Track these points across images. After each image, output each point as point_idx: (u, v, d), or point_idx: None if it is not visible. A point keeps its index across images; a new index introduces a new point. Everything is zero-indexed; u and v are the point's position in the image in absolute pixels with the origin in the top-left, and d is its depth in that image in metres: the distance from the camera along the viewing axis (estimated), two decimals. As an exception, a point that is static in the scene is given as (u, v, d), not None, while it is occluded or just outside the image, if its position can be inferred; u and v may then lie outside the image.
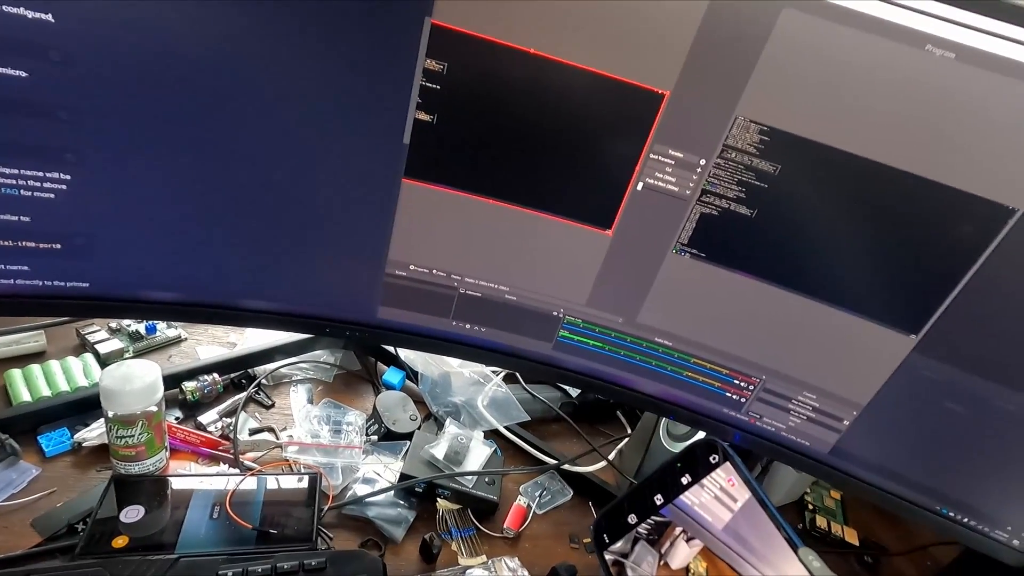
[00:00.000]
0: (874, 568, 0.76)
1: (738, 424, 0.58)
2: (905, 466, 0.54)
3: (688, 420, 0.60)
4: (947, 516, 0.55)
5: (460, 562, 0.58)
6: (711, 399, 0.57)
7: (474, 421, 0.75)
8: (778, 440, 0.57)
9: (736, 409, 0.57)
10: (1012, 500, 0.52)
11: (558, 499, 0.70)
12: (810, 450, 0.57)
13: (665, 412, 0.60)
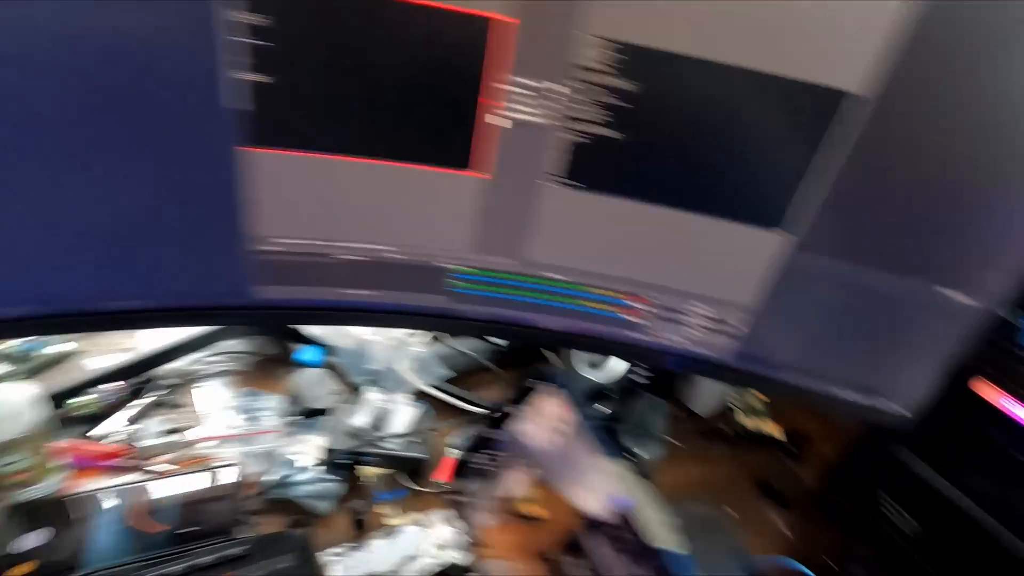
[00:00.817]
0: (798, 457, 0.81)
1: (640, 344, 0.58)
2: (804, 360, 0.57)
3: (595, 349, 0.60)
4: (843, 398, 0.58)
5: (387, 522, 0.59)
6: (611, 325, 0.58)
7: (398, 385, 0.74)
8: (685, 354, 0.58)
9: (632, 329, 0.58)
10: (895, 376, 0.55)
11: (491, 445, 0.71)
12: (717, 359, 0.58)
13: (570, 345, 0.60)
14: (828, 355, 0.56)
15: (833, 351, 0.55)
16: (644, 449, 0.73)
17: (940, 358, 0.54)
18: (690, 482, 0.73)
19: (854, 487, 0.70)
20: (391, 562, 0.54)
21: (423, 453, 0.64)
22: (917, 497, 0.63)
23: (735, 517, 0.69)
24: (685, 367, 0.59)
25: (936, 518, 0.61)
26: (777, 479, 0.74)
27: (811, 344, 0.55)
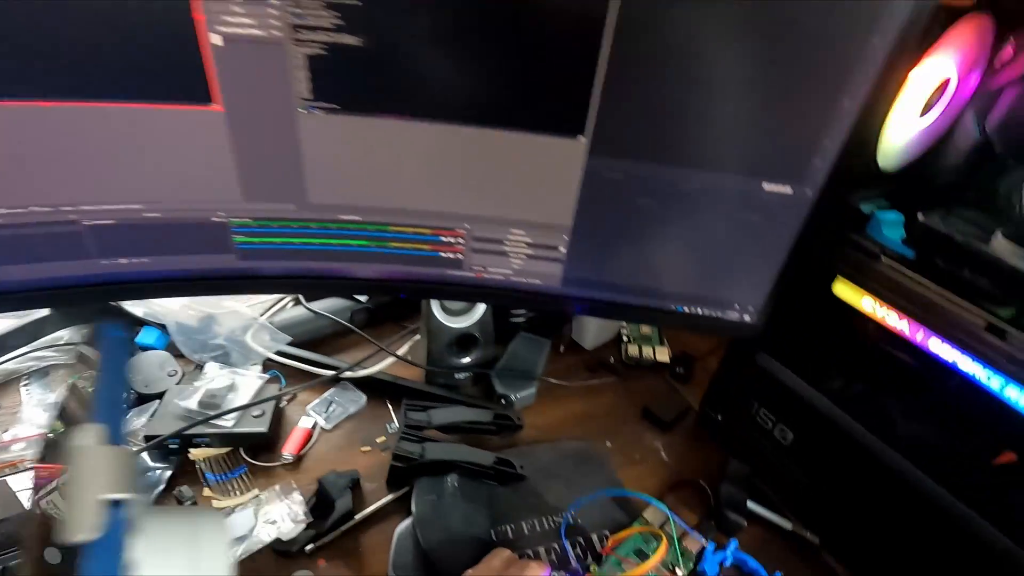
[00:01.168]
0: (686, 377, 0.78)
1: (466, 283, 0.54)
2: (631, 276, 0.52)
3: (420, 293, 0.55)
4: (684, 312, 0.54)
5: (216, 505, 0.54)
6: (429, 265, 0.52)
7: (245, 357, 0.69)
8: (511, 287, 0.54)
9: (458, 267, 0.53)
10: (727, 280, 0.51)
11: (350, 408, 0.67)
12: (544, 288, 0.54)
13: (391, 292, 0.55)
14: (656, 270, 0.51)
15: (660, 265, 0.51)
16: (518, 392, 0.69)
17: (773, 257, 0.50)
18: (570, 418, 0.70)
19: (729, 401, 0.68)
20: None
21: (262, 427, 0.60)
22: (787, 405, 0.61)
23: (608, 449, 0.67)
24: (515, 301, 0.55)
25: (807, 426, 0.59)
26: (660, 404, 0.72)
27: (636, 260, 0.51)
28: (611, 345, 0.83)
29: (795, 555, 0.58)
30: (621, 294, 0.54)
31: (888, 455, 0.52)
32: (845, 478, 0.57)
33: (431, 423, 0.61)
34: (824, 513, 0.59)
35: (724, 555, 0.56)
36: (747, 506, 0.59)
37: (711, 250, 0.49)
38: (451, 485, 0.55)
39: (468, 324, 0.69)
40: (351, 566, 0.52)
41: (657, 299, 0.53)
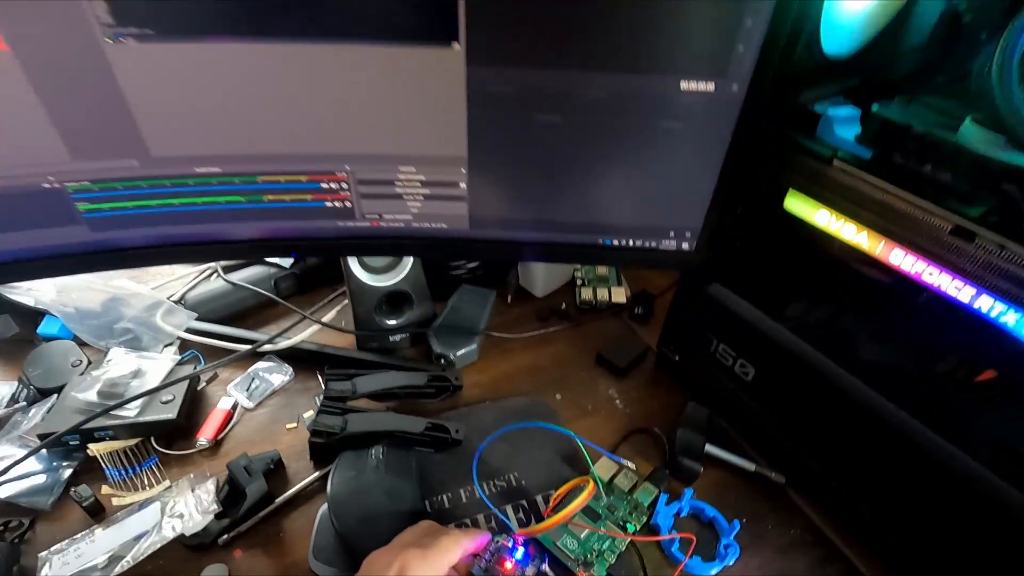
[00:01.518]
0: (645, 317, 0.73)
1: (364, 234, 0.47)
2: (545, 211, 0.45)
3: (315, 251, 0.49)
4: (613, 246, 0.47)
5: (116, 503, 0.50)
6: (316, 217, 0.46)
7: (156, 340, 0.63)
8: (415, 235, 0.47)
9: (350, 218, 0.46)
10: (655, 204, 0.45)
11: (275, 384, 0.62)
12: (453, 232, 0.47)
13: (279, 252, 0.49)
14: (572, 200, 0.45)
15: (576, 193, 0.44)
16: (457, 350, 0.63)
17: (705, 172, 0.43)
18: (518, 373, 0.65)
19: (686, 339, 0.62)
20: (110, 548, 0.46)
21: (170, 413, 0.55)
22: (746, 339, 0.55)
23: (558, 402, 0.62)
24: (422, 250, 0.48)
25: (768, 359, 0.54)
26: (615, 349, 0.66)
27: (547, 191, 0.44)
28: (565, 290, 0.77)
29: (759, 497, 0.53)
30: (538, 232, 0.47)
31: (854, 385, 0.47)
32: (811, 413, 0.52)
33: (356, 392, 0.56)
34: (790, 451, 0.54)
35: (679, 505, 0.51)
36: (705, 450, 0.55)
37: (631, 169, 0.42)
38: (375, 458, 0.50)
39: (395, 281, 0.63)
40: (271, 554, 0.48)
41: (579, 234, 0.47)
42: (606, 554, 0.47)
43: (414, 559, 0.37)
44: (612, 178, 0.43)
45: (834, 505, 0.52)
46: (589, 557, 0.47)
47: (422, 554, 0.38)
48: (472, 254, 0.49)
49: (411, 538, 0.41)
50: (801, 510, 0.53)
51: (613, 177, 0.43)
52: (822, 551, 0.50)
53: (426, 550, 0.38)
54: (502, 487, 0.53)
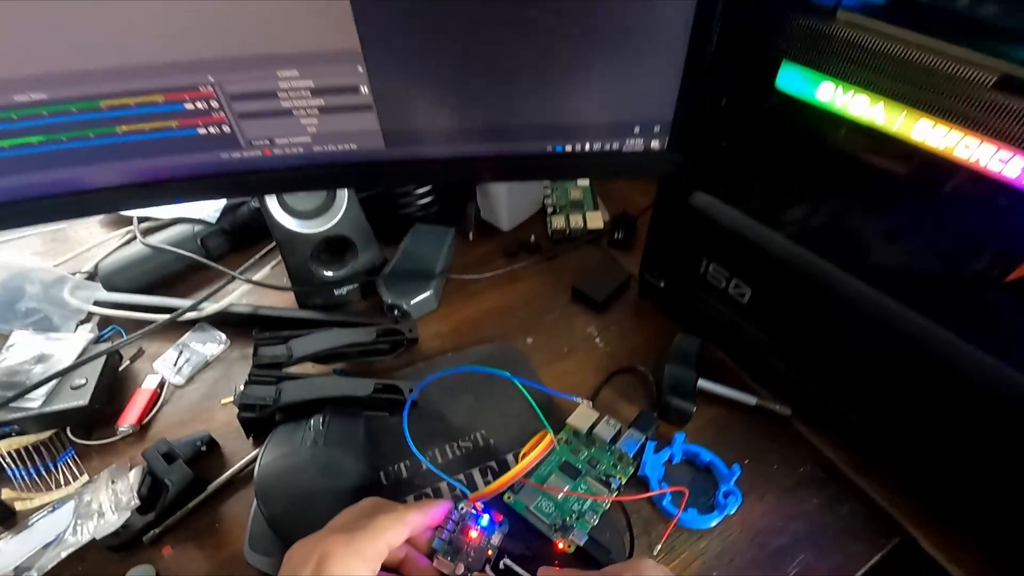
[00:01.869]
0: (627, 242, 0.64)
1: (257, 167, 0.38)
2: (473, 114, 0.36)
3: (203, 194, 0.40)
4: (568, 153, 0.38)
5: (20, 508, 0.44)
6: (192, 150, 0.37)
7: (67, 318, 0.55)
8: (321, 162, 0.38)
9: (233, 147, 0.37)
10: (610, 93, 0.35)
11: (207, 355, 0.54)
12: (368, 153, 0.38)
13: (161, 199, 0.40)
14: (506, 96, 0.35)
15: (510, 87, 0.35)
16: (411, 298, 0.56)
17: (670, 46, 0.33)
18: (483, 317, 0.57)
19: (671, 261, 0.54)
20: (17, 560, 0.40)
21: (82, 400, 0.47)
22: (739, 254, 0.47)
23: (528, 346, 0.54)
24: (333, 181, 0.40)
25: (766, 275, 0.46)
26: (593, 281, 0.58)
27: (473, 87, 0.34)
28: (534, 221, 0.68)
29: (762, 435, 0.47)
30: (473, 143, 0.38)
31: (868, 295, 0.39)
32: (818, 332, 0.44)
33: (292, 357, 0.48)
34: (795, 379, 0.47)
35: (670, 451, 0.45)
36: (698, 387, 0.48)
37: (577, 46, 0.32)
38: (314, 430, 0.43)
39: (330, 225, 0.54)
40: (205, 548, 0.42)
41: (524, 141, 0.38)
42: (587, 515, 0.41)
43: (336, 547, 0.30)
44: (554, 60, 0.33)
45: (847, 435, 0.45)
46: (568, 520, 0.40)
47: (347, 540, 0.31)
48: (395, 179, 0.40)
49: (345, 520, 0.35)
50: (810, 444, 0.46)
51: (555, 59, 0.33)
52: (835, 488, 0.43)
53: (352, 535, 0.31)
54: (467, 448, 0.46)
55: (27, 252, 0.64)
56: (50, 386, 0.48)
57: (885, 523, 0.41)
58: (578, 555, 0.39)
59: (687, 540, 0.41)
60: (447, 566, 0.37)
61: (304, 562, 0.30)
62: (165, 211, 0.64)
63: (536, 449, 0.40)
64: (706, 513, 0.41)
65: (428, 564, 0.37)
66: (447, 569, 0.37)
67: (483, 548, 0.37)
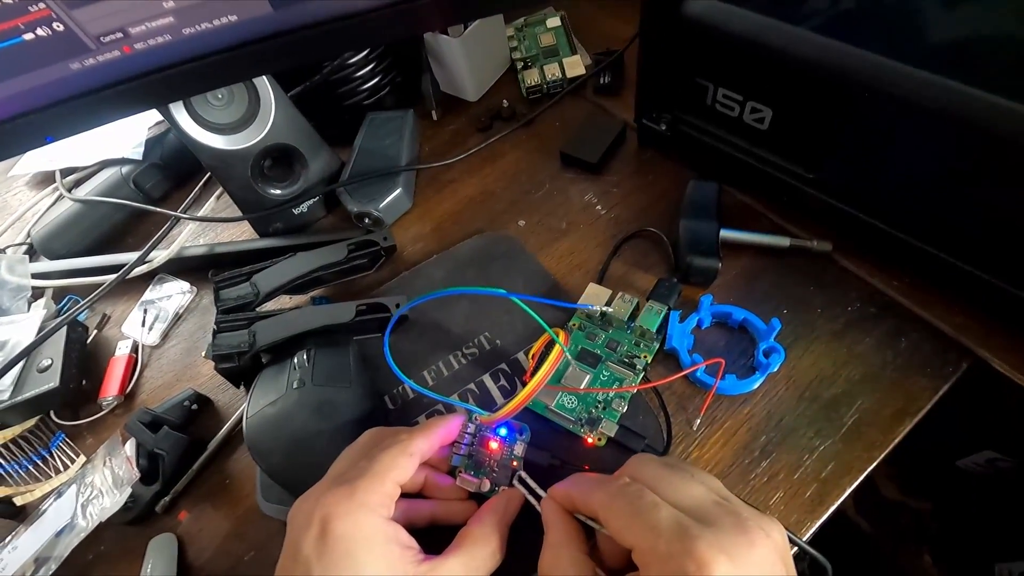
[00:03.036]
0: (615, 86, 0.54)
1: (123, 72, 0.29)
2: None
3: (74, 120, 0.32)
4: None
5: (19, 501, 0.41)
6: (32, 64, 0.28)
7: (14, 297, 0.50)
8: (206, 49, 0.29)
9: (83, 52, 0.28)
10: None
11: (174, 308, 0.49)
12: (256, 24, 0.29)
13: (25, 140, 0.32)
14: None
15: None
16: (379, 202, 0.48)
17: None
18: (464, 207, 0.50)
19: (671, 95, 0.45)
20: (34, 552, 0.38)
21: (52, 382, 0.43)
22: (753, 69, 0.38)
23: (521, 229, 0.47)
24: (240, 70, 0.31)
25: (790, 89, 0.37)
26: (582, 139, 0.50)
27: None
28: (505, 82, 0.58)
29: (800, 279, 0.41)
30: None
31: (924, 81, 0.30)
32: (860, 144, 0.36)
33: (259, 294, 0.43)
34: (834, 207, 0.40)
35: (697, 317, 0.39)
36: (720, 238, 0.41)
37: None
38: (299, 369, 0.38)
39: (262, 135, 0.46)
40: (219, 507, 0.40)
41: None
42: (614, 403, 0.37)
43: (337, 505, 0.27)
44: None
45: (901, 261, 0.39)
46: (595, 412, 0.36)
47: (348, 493, 0.27)
48: (303, 51, 0.31)
49: (343, 466, 0.31)
50: (857, 279, 0.40)
51: None
52: (891, 322, 0.38)
53: (353, 485, 0.28)
54: (473, 355, 0.42)
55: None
56: (15, 373, 0.44)
57: (952, 350, 0.36)
58: (611, 447, 0.35)
59: (729, 408, 0.37)
60: (471, 483, 0.34)
61: (306, 526, 0.27)
62: (86, 157, 0.56)
63: (545, 365, 0.35)
64: (746, 377, 0.37)
65: (451, 482, 0.34)
66: (471, 486, 0.34)
67: (507, 460, 0.34)
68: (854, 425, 0.35)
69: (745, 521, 0.24)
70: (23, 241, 0.55)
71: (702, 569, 0.22)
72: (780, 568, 0.24)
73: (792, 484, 0.34)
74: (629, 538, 0.25)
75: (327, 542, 0.25)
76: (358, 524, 0.26)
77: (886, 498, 0.69)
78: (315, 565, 0.25)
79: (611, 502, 0.27)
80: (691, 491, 0.26)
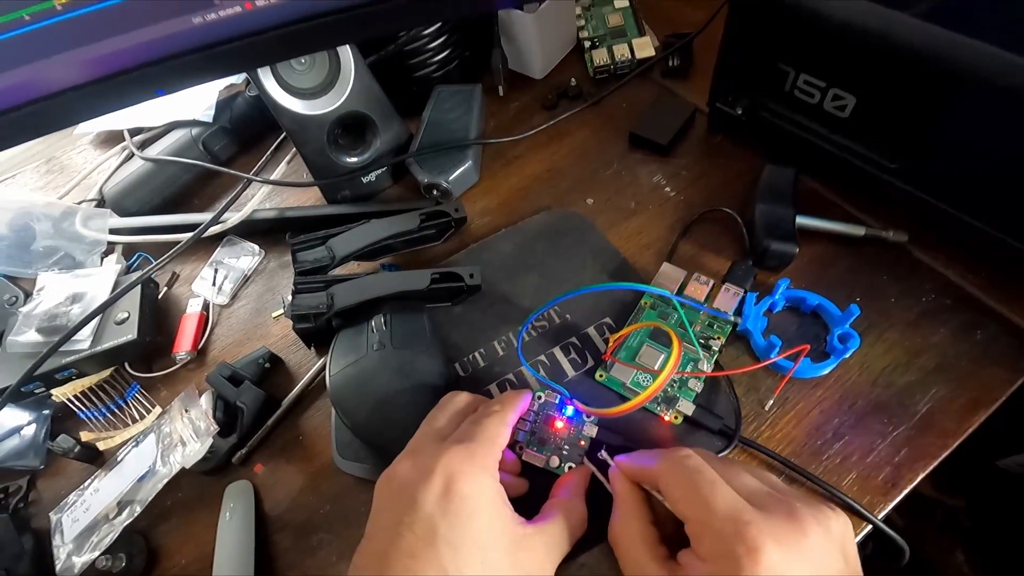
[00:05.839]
0: (684, 70, 0.54)
1: (240, 28, 0.30)
2: None
3: (186, 75, 0.32)
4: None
5: (102, 447, 0.43)
6: (156, 15, 0.29)
7: (88, 251, 0.51)
8: (317, 10, 0.30)
9: (207, 5, 0.29)
10: None
11: (245, 269, 0.50)
12: None
13: (138, 94, 0.33)
14: None
15: None
16: (449, 174, 0.49)
17: None
18: (533, 183, 0.51)
19: (749, 80, 0.45)
20: (118, 495, 0.40)
21: (130, 334, 0.45)
22: (839, 56, 0.38)
23: (590, 207, 0.48)
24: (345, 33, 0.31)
25: (876, 74, 0.37)
26: (652, 121, 0.50)
27: None
28: (571, 61, 0.58)
29: (875, 268, 0.41)
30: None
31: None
32: (951, 134, 0.36)
33: (335, 258, 0.44)
34: (913, 198, 0.40)
35: (771, 300, 0.40)
36: (796, 225, 0.41)
37: None
38: (378, 331, 0.39)
39: (340, 102, 0.46)
40: (294, 462, 0.41)
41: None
42: (689, 382, 0.37)
43: (462, 464, 0.27)
44: None
45: (980, 254, 0.39)
46: (671, 390, 0.37)
47: (469, 455, 0.28)
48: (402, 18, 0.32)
49: (448, 427, 0.32)
50: (933, 271, 0.40)
51: None
52: (968, 315, 0.38)
53: (471, 447, 0.29)
54: (543, 328, 0.42)
55: (25, 189, 0.59)
56: (94, 324, 0.45)
57: (1028, 344, 0.37)
58: (685, 426, 0.36)
59: (800, 390, 0.37)
60: (538, 458, 0.35)
61: (425, 481, 0.27)
62: (155, 118, 0.57)
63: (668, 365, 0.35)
64: (819, 361, 0.37)
65: (513, 457, 0.35)
66: (539, 462, 0.34)
67: (575, 439, 0.35)
68: (927, 413, 0.35)
69: (798, 511, 0.25)
70: (93, 198, 0.56)
71: (752, 553, 0.23)
72: (837, 559, 0.25)
73: (865, 467, 0.34)
74: (685, 511, 0.26)
75: (452, 500, 0.26)
76: (482, 486, 0.27)
77: (920, 493, 0.70)
78: (440, 522, 0.26)
79: (672, 474, 0.28)
80: (747, 480, 0.27)
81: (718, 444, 0.35)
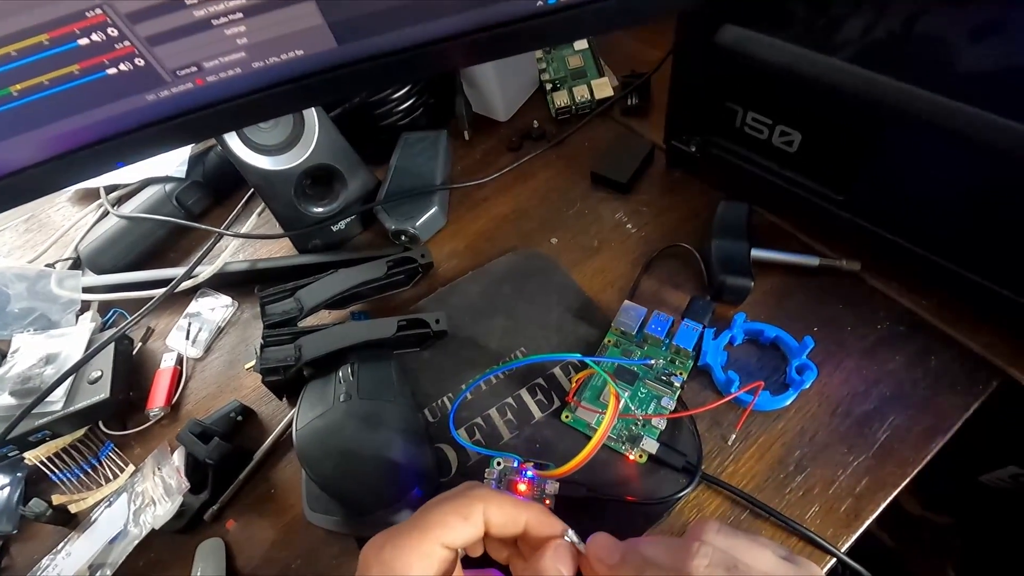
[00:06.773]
0: (643, 107, 0.56)
1: (194, 102, 0.31)
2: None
3: (143, 147, 0.33)
4: (560, 3, 0.30)
5: (73, 509, 0.43)
6: (110, 96, 0.30)
7: (63, 311, 0.52)
8: (271, 80, 0.31)
9: (159, 84, 0.30)
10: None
11: (218, 322, 0.51)
12: (319, 58, 0.31)
13: (96, 168, 0.34)
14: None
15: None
16: (415, 219, 0.50)
17: None
18: (497, 224, 0.52)
19: (701, 118, 0.46)
20: (89, 558, 0.40)
21: (103, 393, 0.45)
22: (783, 95, 0.39)
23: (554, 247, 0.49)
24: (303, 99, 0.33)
25: (818, 115, 0.38)
26: (612, 160, 0.51)
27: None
28: (534, 103, 0.60)
29: (829, 298, 0.42)
30: (442, 17, 0.30)
31: (952, 110, 0.32)
32: (889, 168, 0.37)
33: (304, 309, 0.44)
34: (861, 228, 0.41)
35: (730, 334, 0.40)
36: (751, 258, 0.42)
37: None
38: (344, 383, 0.40)
39: (306, 156, 0.47)
40: (266, 516, 0.41)
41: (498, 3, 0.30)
42: (653, 420, 0.38)
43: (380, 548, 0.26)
44: None
45: (930, 281, 0.40)
46: (635, 429, 0.38)
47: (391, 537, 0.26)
48: (361, 83, 0.33)
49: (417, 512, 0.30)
50: (886, 298, 0.41)
51: None
52: (922, 341, 0.39)
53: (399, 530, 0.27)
54: (510, 370, 0.43)
55: (3, 249, 0.60)
56: (67, 385, 0.46)
57: (981, 368, 0.37)
58: (652, 464, 0.37)
59: (762, 423, 0.38)
60: None
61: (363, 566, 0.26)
62: (129, 175, 0.58)
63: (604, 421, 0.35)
64: (779, 393, 0.38)
65: None
66: None
67: (540, 499, 0.34)
68: (886, 441, 0.36)
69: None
70: (69, 256, 0.57)
71: None
72: None
73: (827, 499, 0.35)
74: None
75: None
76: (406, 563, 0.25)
77: (908, 513, 0.70)
78: None
79: None
80: (766, 557, 0.26)
81: (682, 481, 0.36)
